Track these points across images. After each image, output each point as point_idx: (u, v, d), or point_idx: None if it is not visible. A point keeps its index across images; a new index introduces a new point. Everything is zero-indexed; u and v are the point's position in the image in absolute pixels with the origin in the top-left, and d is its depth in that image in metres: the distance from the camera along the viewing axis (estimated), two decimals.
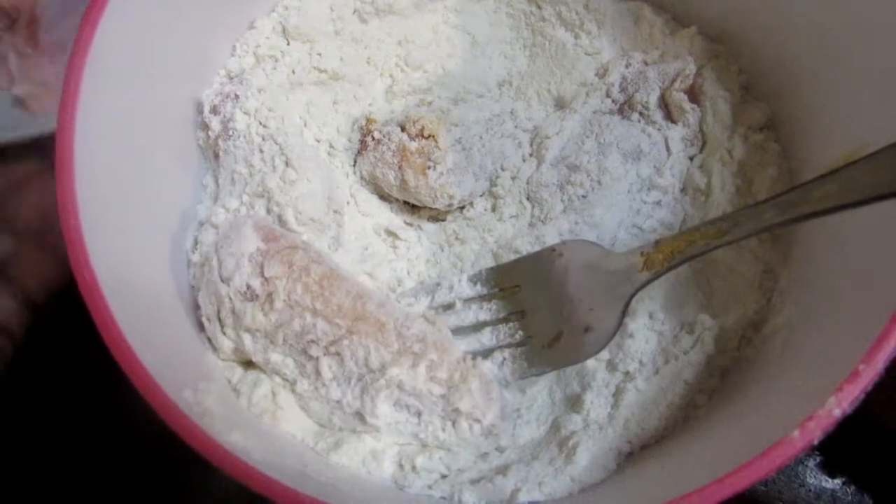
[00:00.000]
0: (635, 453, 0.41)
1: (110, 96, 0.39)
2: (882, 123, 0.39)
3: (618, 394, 0.43)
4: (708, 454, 0.36)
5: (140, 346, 0.33)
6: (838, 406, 0.29)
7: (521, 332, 0.44)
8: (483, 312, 0.45)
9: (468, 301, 0.46)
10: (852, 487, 0.52)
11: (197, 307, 0.44)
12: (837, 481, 0.52)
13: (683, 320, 0.44)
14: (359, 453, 0.41)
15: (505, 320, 0.45)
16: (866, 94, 0.41)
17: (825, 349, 0.36)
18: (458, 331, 0.44)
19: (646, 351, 0.44)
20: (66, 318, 0.51)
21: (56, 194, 0.36)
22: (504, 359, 0.44)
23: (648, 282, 0.41)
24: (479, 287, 0.46)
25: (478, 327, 0.45)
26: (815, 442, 0.29)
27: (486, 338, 0.45)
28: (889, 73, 0.39)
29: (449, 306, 0.46)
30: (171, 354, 0.38)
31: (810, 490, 0.52)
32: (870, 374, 0.29)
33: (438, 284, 0.47)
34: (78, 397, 0.53)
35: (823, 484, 0.52)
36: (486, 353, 0.44)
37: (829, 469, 0.53)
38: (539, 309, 0.44)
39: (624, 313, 0.41)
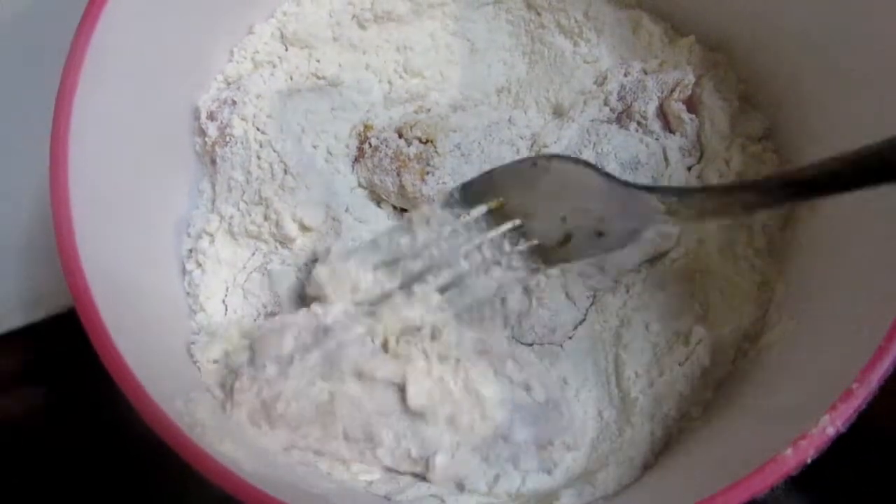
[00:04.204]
0: None
1: (105, 101, 0.39)
2: (880, 133, 0.39)
3: None
4: (700, 470, 0.36)
5: (131, 355, 0.33)
6: (832, 424, 0.29)
7: (523, 239, 0.42)
8: (473, 233, 0.42)
9: (453, 230, 0.43)
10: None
11: (193, 313, 0.44)
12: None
13: (678, 331, 0.44)
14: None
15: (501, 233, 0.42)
16: (864, 105, 0.40)
17: (820, 365, 0.35)
18: (451, 252, 0.42)
19: (641, 362, 0.43)
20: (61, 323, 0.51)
21: (50, 199, 0.35)
22: (512, 264, 0.42)
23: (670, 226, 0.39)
24: (456, 209, 0.43)
25: (472, 247, 0.42)
26: (808, 461, 0.29)
27: (488, 252, 0.42)
28: (887, 83, 0.39)
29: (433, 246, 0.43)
30: (162, 363, 0.38)
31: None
32: (863, 393, 0.29)
33: (410, 222, 0.44)
34: (72, 405, 0.53)
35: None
36: (493, 263, 0.42)
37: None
38: (535, 217, 0.41)
39: (640, 233, 0.39)
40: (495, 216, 0.42)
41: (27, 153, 0.41)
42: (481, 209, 0.42)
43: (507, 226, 0.42)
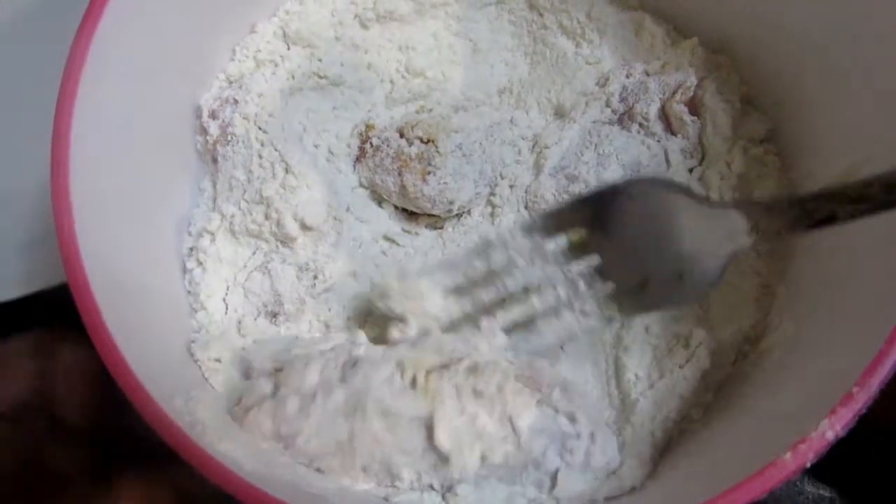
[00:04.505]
0: None
1: (107, 100, 0.39)
2: (882, 136, 0.39)
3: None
4: (700, 472, 0.36)
5: (131, 353, 0.33)
6: (831, 429, 0.29)
7: (600, 279, 0.40)
8: (549, 266, 0.41)
9: (530, 260, 0.41)
10: (847, 498, 0.52)
11: (193, 311, 0.44)
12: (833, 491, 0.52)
13: (679, 334, 0.44)
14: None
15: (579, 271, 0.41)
16: (867, 107, 0.40)
17: (821, 369, 0.35)
18: (524, 285, 0.41)
19: (641, 365, 0.43)
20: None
21: (51, 197, 0.35)
22: (585, 308, 0.40)
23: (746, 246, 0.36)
24: (537, 238, 0.41)
25: (548, 282, 0.41)
26: (808, 465, 0.29)
27: (562, 291, 0.41)
28: (887, 83, 0.39)
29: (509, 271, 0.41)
30: (162, 362, 0.38)
31: (808, 498, 0.52)
32: (863, 397, 0.29)
33: (489, 243, 0.42)
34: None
35: (821, 492, 0.52)
36: (565, 306, 0.41)
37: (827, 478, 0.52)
38: (614, 254, 0.40)
39: (725, 268, 0.37)
40: (574, 252, 0.41)
41: (27, 153, 0.41)
42: (562, 239, 0.41)
43: (592, 260, 0.40)
